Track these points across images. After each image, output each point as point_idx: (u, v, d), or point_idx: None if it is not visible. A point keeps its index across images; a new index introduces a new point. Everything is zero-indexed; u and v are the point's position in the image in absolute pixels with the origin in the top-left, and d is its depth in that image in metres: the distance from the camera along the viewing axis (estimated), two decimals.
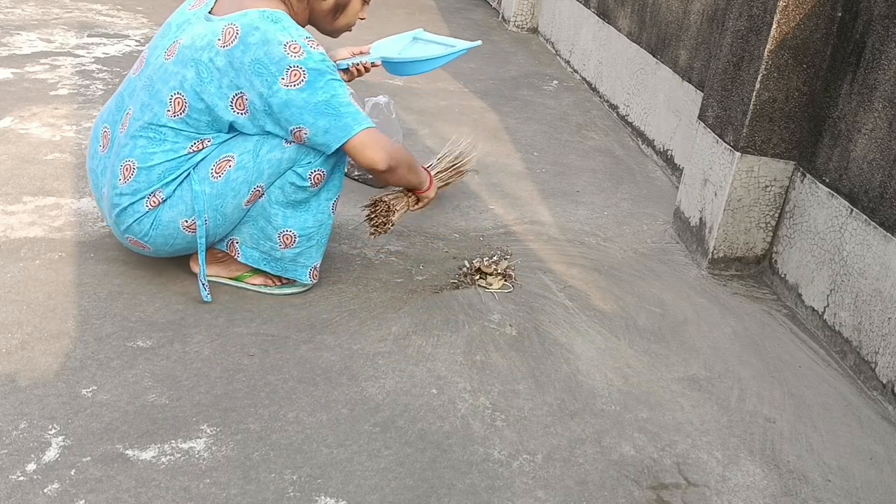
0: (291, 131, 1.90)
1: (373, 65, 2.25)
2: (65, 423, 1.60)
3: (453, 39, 2.40)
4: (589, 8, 4.51)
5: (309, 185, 1.98)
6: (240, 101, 1.87)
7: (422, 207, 2.25)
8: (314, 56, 1.85)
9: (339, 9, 2.02)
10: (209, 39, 1.86)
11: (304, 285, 2.15)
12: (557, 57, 4.99)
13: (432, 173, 2.33)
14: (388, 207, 2.14)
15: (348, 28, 2.11)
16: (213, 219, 1.95)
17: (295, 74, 1.83)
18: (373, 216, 2.14)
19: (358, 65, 2.24)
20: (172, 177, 1.91)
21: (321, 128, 1.87)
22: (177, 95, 1.87)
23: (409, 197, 2.21)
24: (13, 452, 1.52)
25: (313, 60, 1.84)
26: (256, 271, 2.12)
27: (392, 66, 2.28)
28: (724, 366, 2.09)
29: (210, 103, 1.86)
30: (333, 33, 2.10)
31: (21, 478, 1.46)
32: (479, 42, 2.39)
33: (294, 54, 1.83)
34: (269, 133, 1.92)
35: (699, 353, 2.14)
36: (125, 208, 1.93)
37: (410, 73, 2.34)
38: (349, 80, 2.26)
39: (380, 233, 2.14)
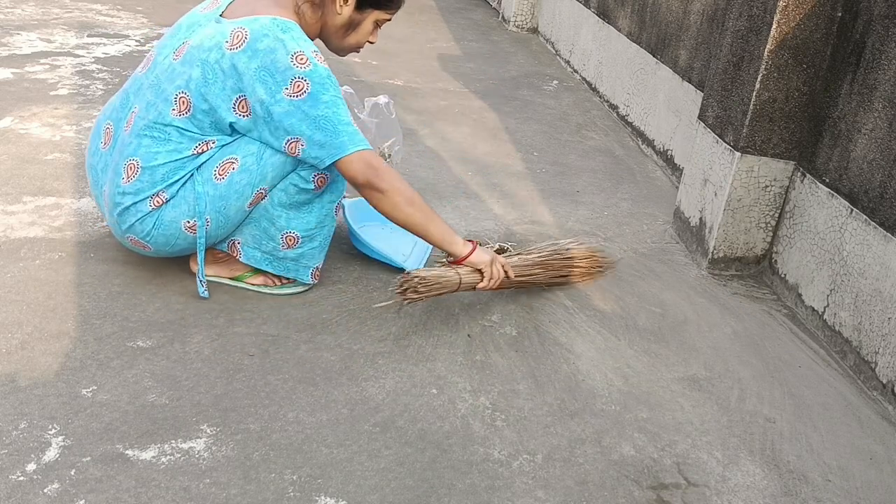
0: (287, 142, 1.88)
1: None
2: (65, 423, 1.60)
3: (408, 247, 2.41)
4: (589, 8, 4.51)
5: (313, 187, 1.98)
6: (243, 104, 1.86)
7: (485, 286, 2.03)
8: (320, 69, 1.84)
9: (352, 25, 2.01)
10: (217, 41, 1.86)
11: (305, 285, 2.15)
12: (557, 57, 4.99)
13: (509, 259, 2.14)
14: (417, 282, 1.93)
15: (357, 48, 2.07)
16: (214, 220, 1.95)
17: (299, 85, 1.82)
18: (403, 289, 1.96)
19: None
20: (176, 178, 1.91)
21: (317, 141, 1.86)
22: (182, 94, 1.87)
23: (449, 267, 2.01)
24: (13, 452, 1.52)
25: (319, 74, 1.84)
26: (257, 271, 2.12)
27: (352, 232, 2.33)
28: (724, 366, 2.09)
29: (213, 104, 1.86)
30: (341, 51, 2.07)
31: (21, 478, 1.46)
32: (404, 265, 2.29)
33: (301, 65, 1.82)
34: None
35: (699, 353, 2.14)
36: (127, 207, 1.93)
37: (357, 244, 2.34)
38: None
39: (413, 299, 1.96)
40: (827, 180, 2.32)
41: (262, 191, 1.96)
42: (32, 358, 1.77)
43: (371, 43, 2.08)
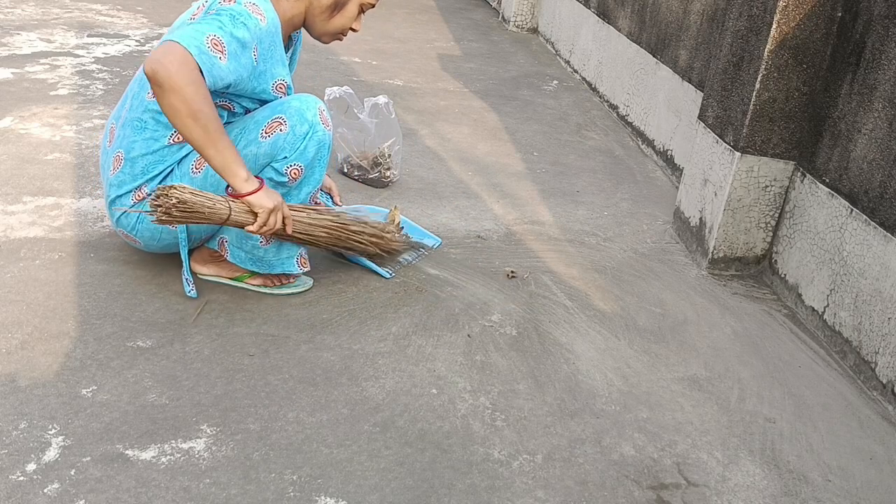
0: None
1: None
2: (65, 423, 1.60)
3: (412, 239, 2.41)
4: (589, 8, 4.51)
5: (287, 180, 1.97)
6: None
7: (257, 228, 1.86)
8: (237, 6, 1.80)
9: (337, 7, 2.01)
10: (184, 18, 1.90)
11: (305, 285, 2.15)
12: (557, 57, 4.99)
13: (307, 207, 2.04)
14: (175, 188, 1.78)
15: (341, 33, 2.06)
16: None
17: (201, 10, 1.84)
18: (157, 198, 1.78)
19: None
20: (156, 171, 1.94)
21: None
22: None
23: (223, 197, 1.85)
24: (13, 452, 1.51)
25: (230, 9, 1.80)
26: (255, 272, 2.12)
27: None
28: (724, 366, 2.09)
29: None
30: (324, 36, 2.06)
31: (21, 478, 1.46)
32: (386, 274, 2.27)
33: (224, 2, 1.82)
34: (245, 128, 1.92)
35: (699, 353, 2.14)
36: (113, 200, 1.98)
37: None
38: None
39: (162, 215, 1.77)
40: (827, 180, 2.32)
41: None
42: (32, 358, 1.77)
43: (354, 31, 2.07)
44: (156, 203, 1.76)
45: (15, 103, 3.12)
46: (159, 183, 1.94)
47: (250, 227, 1.87)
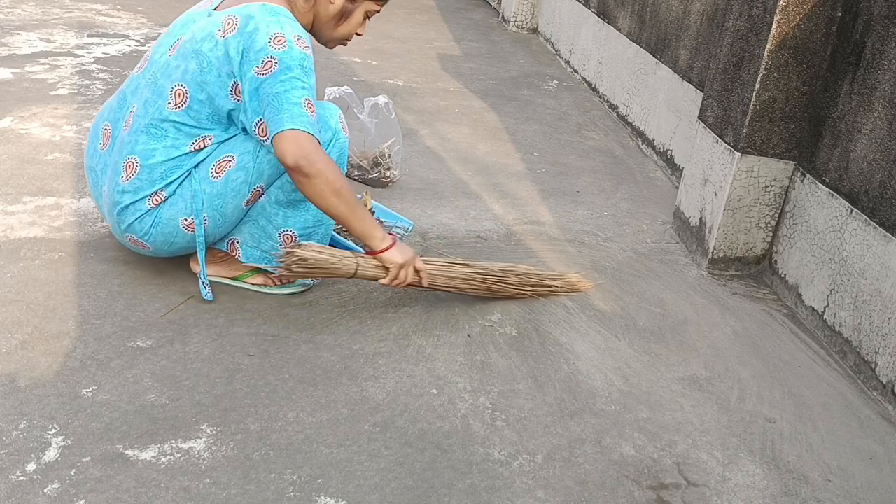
0: (256, 124, 1.87)
1: None
2: (65, 423, 1.60)
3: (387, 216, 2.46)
4: (589, 8, 4.51)
5: None
6: (238, 89, 1.87)
7: (388, 282, 1.97)
8: (295, 52, 1.83)
9: (343, 15, 2.01)
10: (209, 31, 1.88)
11: (305, 285, 2.15)
12: (557, 57, 4.99)
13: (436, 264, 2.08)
14: (301, 247, 1.88)
15: (346, 40, 2.07)
16: (212, 218, 1.95)
17: (268, 64, 1.82)
18: (284, 256, 1.90)
19: None
20: (174, 176, 1.91)
21: (266, 119, 1.83)
22: (178, 87, 1.88)
23: (353, 254, 1.95)
24: (13, 452, 1.51)
25: (290, 56, 1.82)
26: (257, 271, 2.12)
27: None
28: (724, 366, 2.09)
29: (211, 93, 1.87)
30: (330, 43, 2.07)
31: (21, 478, 1.46)
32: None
33: (277, 46, 1.82)
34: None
35: (699, 353, 2.14)
36: (127, 206, 1.94)
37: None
38: None
39: (285, 271, 1.89)
40: (827, 180, 2.32)
41: (259, 188, 1.96)
42: (32, 358, 1.77)
43: (358, 35, 2.08)
44: (280, 259, 1.90)
45: (15, 103, 3.12)
46: (177, 187, 1.92)
47: (383, 281, 1.98)
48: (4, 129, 2.88)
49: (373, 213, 2.40)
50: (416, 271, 2.01)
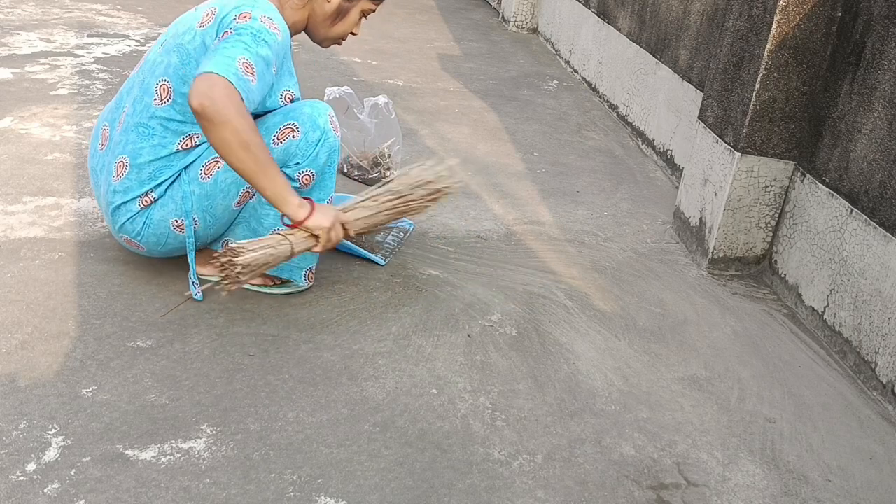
0: None
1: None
2: (65, 423, 1.60)
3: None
4: (589, 8, 4.51)
5: (298, 185, 1.97)
6: None
7: (314, 247, 1.88)
8: (255, 23, 1.80)
9: (339, 14, 2.01)
10: (190, 24, 1.88)
11: (305, 285, 2.15)
12: (557, 57, 4.99)
13: (368, 202, 2.02)
14: (234, 252, 1.76)
15: (341, 39, 2.07)
16: (202, 220, 1.96)
17: (225, 34, 1.81)
18: (222, 268, 1.79)
19: None
20: (164, 177, 1.92)
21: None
22: (162, 82, 1.89)
23: (280, 235, 1.86)
24: (13, 452, 1.51)
25: (247, 27, 1.79)
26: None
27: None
28: (724, 366, 2.09)
29: None
30: (325, 41, 2.07)
31: (21, 478, 1.46)
32: (378, 258, 2.32)
33: (239, 20, 1.81)
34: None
35: (699, 353, 2.14)
36: (118, 206, 1.95)
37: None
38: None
39: (234, 283, 1.77)
40: (827, 180, 2.32)
41: (249, 190, 1.96)
42: (32, 358, 1.77)
43: (353, 34, 2.07)
44: (223, 275, 1.77)
45: (15, 103, 3.12)
46: (167, 188, 1.93)
47: (316, 249, 1.89)
48: (4, 129, 2.88)
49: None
50: (343, 227, 1.92)
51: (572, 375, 1.96)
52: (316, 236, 1.87)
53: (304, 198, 1.87)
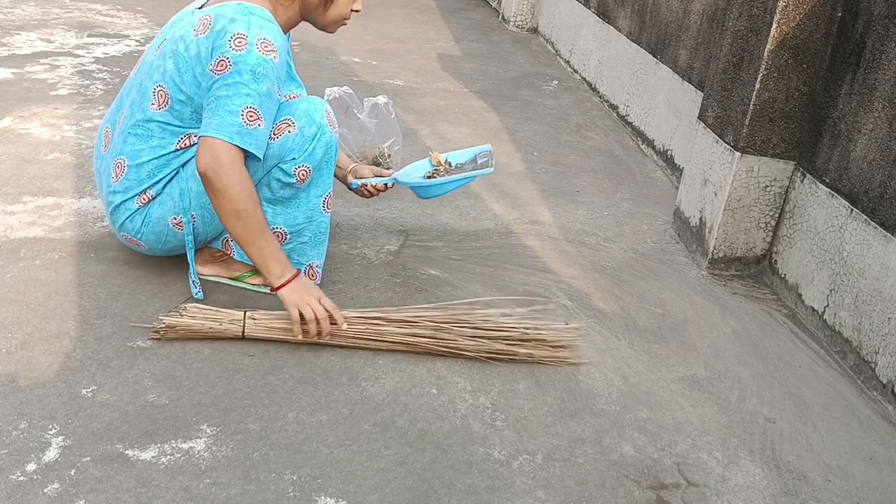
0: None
1: (386, 186, 2.29)
2: (65, 423, 1.60)
3: (469, 155, 2.44)
4: (589, 8, 4.51)
5: (294, 181, 1.97)
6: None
7: (295, 332, 1.85)
8: (252, 57, 1.80)
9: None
10: (186, 30, 1.88)
11: None
12: (557, 57, 4.99)
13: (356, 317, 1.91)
14: (176, 331, 1.85)
15: (343, 21, 2.04)
16: (200, 216, 1.96)
17: (221, 64, 1.80)
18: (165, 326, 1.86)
19: (367, 185, 2.27)
20: (162, 175, 1.93)
21: (203, 119, 1.83)
22: (159, 88, 1.89)
23: (255, 314, 1.89)
24: (13, 452, 1.52)
25: (245, 60, 1.79)
26: (256, 271, 2.12)
27: (414, 188, 2.33)
28: (724, 366, 2.09)
29: (189, 93, 1.87)
30: (327, 28, 2.04)
31: (21, 478, 1.46)
32: (490, 169, 2.37)
33: (235, 48, 1.80)
34: None
35: (699, 353, 2.14)
36: (118, 206, 1.96)
37: (428, 195, 2.38)
38: (363, 196, 2.32)
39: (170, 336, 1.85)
40: (827, 180, 2.32)
41: None
42: (32, 358, 1.77)
43: (355, 11, 2.03)
44: (165, 325, 1.86)
45: (15, 103, 3.12)
46: (165, 186, 1.93)
47: (290, 335, 1.87)
48: (4, 129, 2.88)
49: (449, 165, 2.38)
50: (331, 317, 1.85)
51: (572, 375, 1.96)
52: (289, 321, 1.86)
53: (297, 270, 1.88)
